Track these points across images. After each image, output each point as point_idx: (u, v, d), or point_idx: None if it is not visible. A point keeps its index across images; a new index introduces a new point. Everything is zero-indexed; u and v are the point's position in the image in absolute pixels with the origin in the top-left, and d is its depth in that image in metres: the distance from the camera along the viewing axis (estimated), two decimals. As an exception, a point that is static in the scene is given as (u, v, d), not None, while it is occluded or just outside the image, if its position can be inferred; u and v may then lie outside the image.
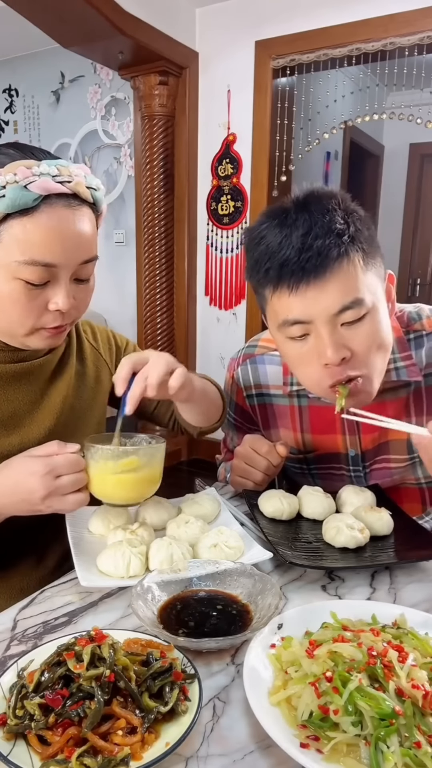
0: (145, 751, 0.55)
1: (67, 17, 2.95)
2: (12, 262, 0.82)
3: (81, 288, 0.91)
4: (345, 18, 3.08)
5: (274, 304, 0.95)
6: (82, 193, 0.85)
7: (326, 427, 1.17)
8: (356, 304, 0.91)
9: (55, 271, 0.85)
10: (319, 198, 0.93)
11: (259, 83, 3.43)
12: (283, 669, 0.65)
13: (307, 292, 0.90)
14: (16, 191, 0.79)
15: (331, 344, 0.91)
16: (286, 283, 0.91)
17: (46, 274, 0.84)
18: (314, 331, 0.93)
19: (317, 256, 0.88)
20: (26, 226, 0.81)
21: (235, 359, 1.28)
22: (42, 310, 0.87)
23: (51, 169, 0.82)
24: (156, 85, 3.48)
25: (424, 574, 0.90)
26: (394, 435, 1.14)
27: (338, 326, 0.92)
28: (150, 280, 3.83)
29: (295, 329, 0.94)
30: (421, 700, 0.57)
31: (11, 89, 4.48)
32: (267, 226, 0.94)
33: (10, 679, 0.62)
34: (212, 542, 0.90)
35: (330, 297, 0.90)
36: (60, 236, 0.83)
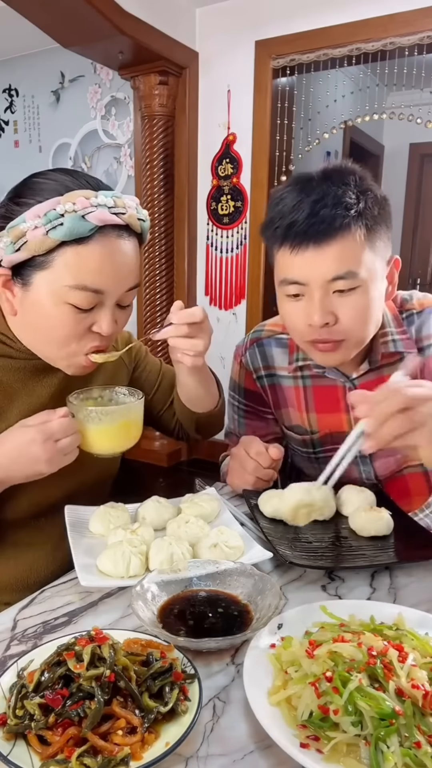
0: (145, 751, 0.55)
1: (67, 17, 2.95)
2: (62, 286, 0.86)
3: (122, 312, 0.95)
4: (345, 18, 3.08)
5: (279, 261, 1.04)
6: (134, 225, 0.90)
7: (330, 405, 1.21)
8: (350, 276, 0.98)
9: (101, 297, 0.89)
10: (340, 172, 1.01)
11: (259, 83, 3.43)
12: (283, 669, 0.65)
13: (306, 253, 0.98)
14: (75, 221, 0.83)
15: (318, 308, 0.99)
16: (290, 242, 0.99)
17: (94, 300, 0.88)
18: (308, 293, 1.01)
19: (321, 223, 0.96)
20: (80, 253, 0.85)
21: (242, 345, 1.32)
22: (85, 333, 0.91)
23: (108, 200, 0.86)
24: (156, 85, 3.48)
25: (424, 574, 0.90)
26: None
27: (330, 293, 1.00)
28: (150, 280, 3.83)
29: (292, 288, 1.02)
30: (421, 700, 0.57)
31: (11, 89, 4.48)
32: (289, 190, 1.01)
33: (10, 679, 0.62)
34: (212, 542, 0.90)
35: (326, 263, 0.97)
36: (110, 264, 0.87)
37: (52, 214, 0.83)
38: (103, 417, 0.93)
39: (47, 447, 0.87)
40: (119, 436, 0.96)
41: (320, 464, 1.27)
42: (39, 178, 0.89)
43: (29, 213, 0.84)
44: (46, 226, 0.83)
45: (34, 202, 0.85)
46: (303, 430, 1.25)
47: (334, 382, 1.18)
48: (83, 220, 0.83)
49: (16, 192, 0.89)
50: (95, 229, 0.84)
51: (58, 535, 0.97)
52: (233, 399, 1.34)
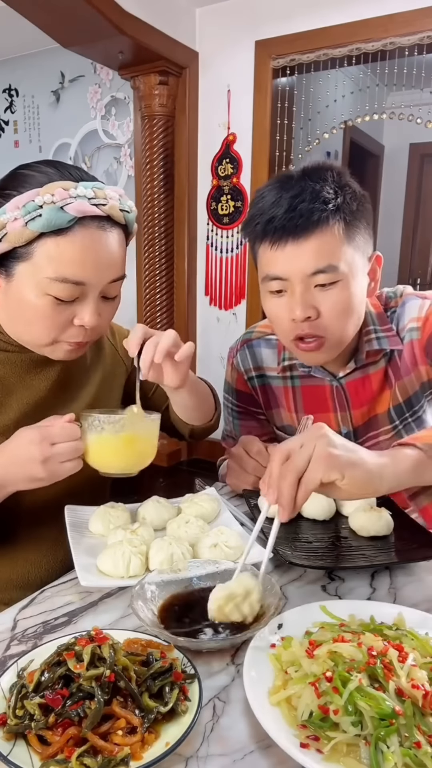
0: (145, 751, 0.55)
1: (67, 17, 2.95)
2: (43, 278, 0.85)
3: (107, 305, 0.94)
4: (345, 18, 3.08)
5: (260, 258, 1.05)
6: (116, 216, 0.89)
7: (318, 405, 1.21)
8: (330, 270, 0.99)
9: (84, 289, 0.88)
10: (318, 169, 1.02)
11: (259, 83, 3.43)
12: (283, 669, 0.64)
13: (286, 248, 0.99)
14: (53, 212, 0.82)
15: (300, 302, 1.00)
16: (269, 238, 1.00)
17: (76, 291, 0.87)
18: (290, 288, 1.01)
19: (299, 217, 0.97)
20: (59, 244, 0.84)
21: (234, 347, 1.33)
22: (67, 324, 0.90)
23: (87, 191, 0.86)
24: (156, 85, 3.48)
25: (424, 574, 0.90)
26: (379, 409, 1.19)
27: (311, 287, 1.00)
28: (150, 280, 3.83)
29: (274, 284, 1.03)
30: (421, 700, 0.57)
31: (11, 89, 4.48)
32: (269, 188, 1.02)
33: (10, 679, 0.62)
34: (212, 542, 0.90)
35: (305, 257, 0.98)
36: (91, 256, 0.86)
37: (30, 205, 0.82)
38: (106, 426, 0.90)
39: (43, 448, 0.85)
40: (124, 451, 0.92)
41: None
42: (24, 170, 0.89)
43: (10, 204, 0.84)
44: (25, 217, 0.82)
45: (17, 194, 0.84)
46: (293, 429, 1.26)
47: (321, 381, 1.19)
48: (62, 211, 0.82)
49: (2, 184, 0.89)
50: (74, 220, 0.84)
51: (58, 532, 0.97)
52: (227, 401, 1.35)
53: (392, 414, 1.18)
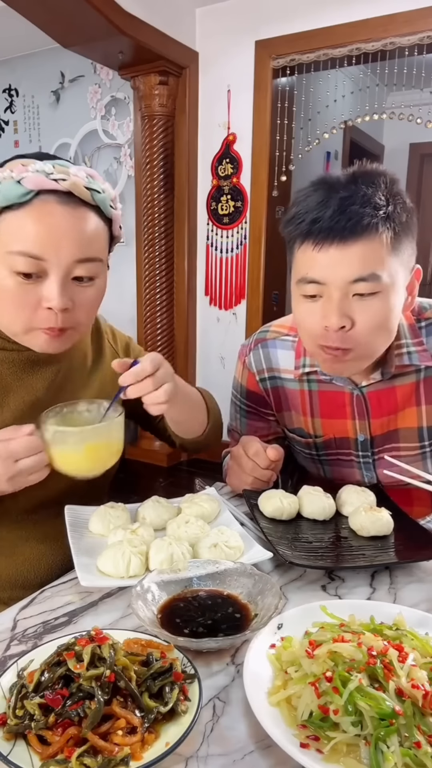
0: (145, 751, 0.55)
1: (67, 17, 2.95)
2: (6, 253, 0.85)
3: (82, 290, 0.91)
4: (345, 18, 3.08)
5: (298, 259, 1.00)
6: (80, 193, 0.87)
7: (336, 411, 1.19)
8: (372, 279, 0.95)
9: (44, 265, 0.86)
10: (369, 173, 0.98)
11: (259, 83, 3.43)
12: (283, 669, 0.65)
13: (329, 251, 0.94)
14: (10, 185, 0.84)
15: (336, 310, 0.96)
16: (313, 238, 0.95)
17: (35, 267, 0.86)
18: (326, 293, 0.97)
19: (348, 220, 0.92)
20: (18, 217, 0.85)
21: (247, 346, 1.30)
22: (35, 306, 0.88)
23: (46, 167, 0.86)
24: (156, 85, 3.48)
25: (424, 574, 0.90)
26: (405, 423, 1.16)
27: (349, 295, 0.96)
28: (150, 279, 3.83)
29: (310, 288, 0.99)
30: (421, 700, 0.57)
31: (11, 89, 4.48)
32: (315, 188, 0.99)
33: (10, 679, 0.62)
34: (212, 542, 0.90)
35: (349, 263, 0.94)
36: (50, 231, 0.85)
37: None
38: (68, 438, 0.86)
39: (7, 466, 0.83)
40: (87, 459, 0.88)
41: (323, 466, 1.27)
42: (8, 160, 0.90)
43: None
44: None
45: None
46: (306, 433, 1.24)
47: (341, 388, 1.17)
48: (18, 185, 0.84)
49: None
50: (31, 193, 0.84)
51: (58, 530, 0.97)
52: (235, 398, 1.34)
53: (423, 434, 1.15)
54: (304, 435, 1.25)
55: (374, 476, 1.21)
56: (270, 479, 1.12)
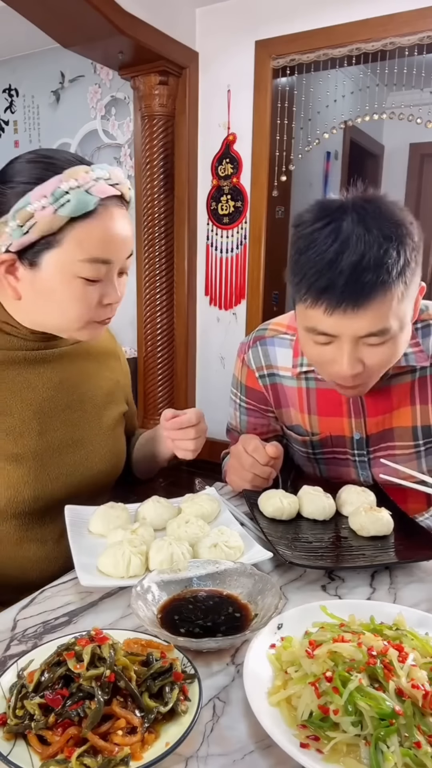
0: (145, 751, 0.55)
1: (67, 17, 2.95)
2: (75, 261, 0.89)
3: (122, 282, 0.99)
4: (345, 18, 3.08)
5: (307, 313, 0.98)
6: (126, 194, 0.95)
7: (332, 409, 1.20)
8: (382, 333, 0.96)
9: (110, 267, 0.93)
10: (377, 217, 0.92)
11: (259, 83, 3.43)
12: (283, 669, 0.64)
13: (343, 315, 0.93)
14: (80, 196, 0.86)
15: (348, 361, 0.98)
16: (325, 304, 0.94)
17: (103, 270, 0.92)
18: (337, 343, 0.98)
19: (361, 289, 0.90)
20: (88, 227, 0.89)
21: (245, 343, 1.31)
22: (98, 304, 0.95)
23: (104, 173, 0.91)
24: (156, 85, 3.48)
25: (424, 574, 0.90)
26: (400, 422, 1.17)
27: (360, 344, 0.97)
28: (150, 280, 3.83)
29: (321, 338, 0.99)
30: (421, 700, 0.57)
31: (11, 89, 4.48)
32: (319, 229, 0.94)
33: (10, 679, 0.62)
34: (212, 542, 0.90)
35: (361, 323, 0.94)
36: (115, 234, 0.92)
37: (58, 192, 0.86)
38: None
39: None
40: None
41: (319, 465, 1.28)
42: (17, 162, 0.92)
43: (33, 194, 0.86)
44: (54, 204, 0.86)
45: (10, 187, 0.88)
46: (303, 431, 1.25)
47: None
48: (87, 194, 0.87)
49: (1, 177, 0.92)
50: (99, 201, 0.88)
51: (58, 532, 0.97)
52: (235, 396, 1.34)
53: (417, 432, 1.17)
54: (301, 432, 1.25)
55: (369, 475, 1.22)
56: (269, 477, 1.12)
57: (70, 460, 1.05)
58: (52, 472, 1.01)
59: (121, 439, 1.19)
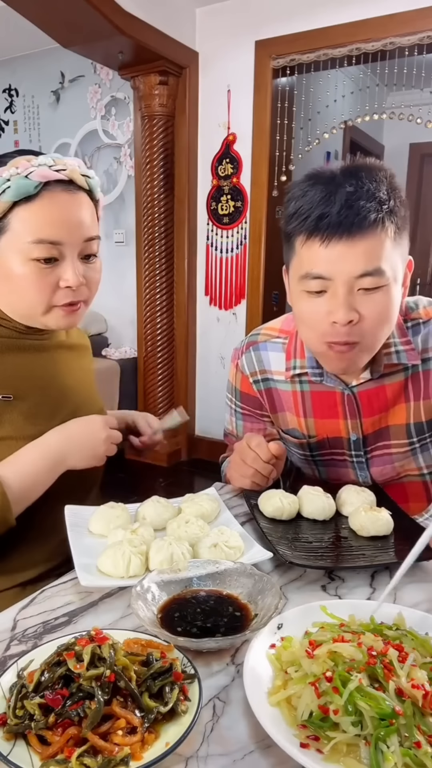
0: (145, 751, 0.55)
1: (67, 17, 2.95)
2: (23, 244, 0.94)
3: (89, 267, 1.02)
4: (345, 18, 3.08)
5: (302, 255, 0.99)
6: (77, 179, 0.98)
7: (328, 411, 1.20)
8: (377, 273, 0.95)
9: (61, 249, 0.96)
10: (369, 168, 0.98)
11: (259, 83, 3.43)
12: (283, 669, 0.64)
13: (337, 246, 0.94)
14: (20, 181, 0.92)
15: (344, 304, 0.97)
16: (320, 234, 0.95)
17: (54, 251, 0.96)
18: (331, 289, 0.98)
19: (356, 215, 0.93)
20: (31, 209, 0.94)
21: (239, 349, 1.31)
22: (54, 287, 0.98)
23: (47, 160, 0.96)
24: (156, 85, 3.48)
25: (424, 574, 0.90)
26: (394, 420, 1.17)
27: (355, 290, 0.97)
28: (150, 280, 3.83)
29: (315, 284, 0.98)
30: (421, 700, 0.57)
31: (11, 89, 4.48)
32: (311, 184, 0.98)
33: (10, 679, 0.62)
34: (212, 542, 0.90)
35: (355, 258, 0.94)
36: (61, 216, 0.96)
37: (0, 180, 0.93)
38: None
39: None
40: None
41: (318, 467, 1.27)
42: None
43: None
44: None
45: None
46: (300, 434, 1.25)
47: (332, 388, 1.17)
48: (26, 179, 0.92)
49: None
50: (40, 185, 0.93)
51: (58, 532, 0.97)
52: (230, 401, 1.34)
53: (411, 430, 1.17)
54: (298, 436, 1.25)
55: (368, 476, 1.22)
56: (270, 475, 1.12)
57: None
58: None
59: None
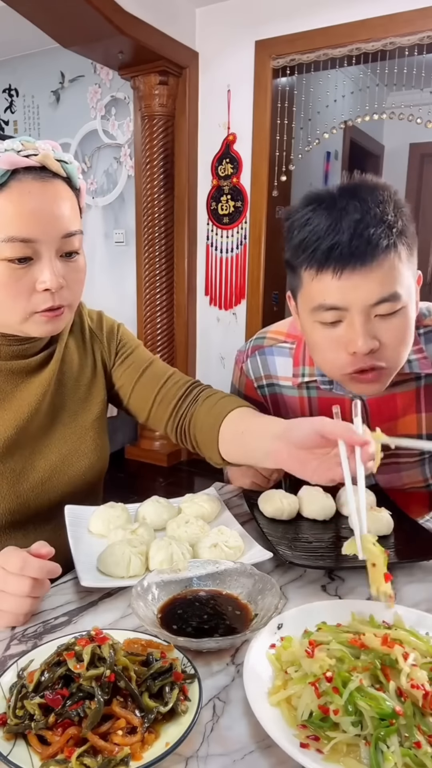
0: (145, 751, 0.55)
1: (67, 17, 2.95)
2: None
3: (70, 266, 0.89)
4: (345, 18, 3.08)
5: (313, 287, 0.95)
6: (51, 165, 0.85)
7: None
8: (393, 298, 0.92)
9: (35, 247, 0.84)
10: (370, 188, 0.94)
11: (259, 83, 3.43)
12: (283, 669, 0.65)
13: (351, 277, 0.91)
14: None
15: (362, 334, 0.92)
16: (332, 266, 0.91)
17: (27, 250, 0.83)
18: (347, 318, 0.94)
19: (367, 244, 0.89)
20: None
21: (244, 351, 1.27)
22: (30, 291, 0.86)
23: (15, 144, 0.82)
24: (156, 84, 3.48)
25: (424, 574, 0.90)
26: (405, 430, 1.15)
27: (372, 317, 0.93)
28: (150, 280, 3.83)
29: (329, 315, 0.95)
30: (421, 700, 0.57)
31: (11, 89, 4.48)
32: (314, 209, 0.94)
33: (10, 679, 0.62)
34: (212, 542, 0.90)
35: (371, 286, 0.91)
36: (34, 210, 0.83)
37: None
38: None
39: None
40: None
41: None
42: None
43: None
44: None
45: None
46: None
47: (341, 396, 1.15)
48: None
49: None
50: (7, 174, 0.81)
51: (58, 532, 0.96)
52: None
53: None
54: None
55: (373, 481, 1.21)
56: (271, 475, 1.12)
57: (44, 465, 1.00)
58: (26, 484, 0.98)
59: (100, 433, 1.10)
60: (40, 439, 1.00)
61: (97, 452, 1.07)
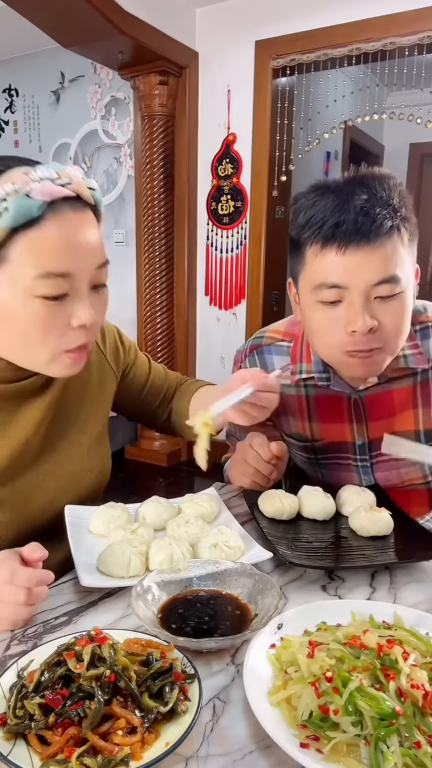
0: (145, 751, 0.55)
1: (67, 17, 2.95)
2: (27, 279, 0.77)
3: (98, 297, 0.86)
4: (345, 18, 3.08)
5: (316, 264, 0.97)
6: (85, 194, 0.81)
7: (334, 415, 1.19)
8: (394, 280, 0.95)
9: (72, 281, 0.80)
10: (378, 176, 0.97)
11: (259, 83, 3.43)
12: (283, 669, 0.65)
13: (355, 254, 0.93)
14: (19, 201, 0.74)
15: (362, 313, 0.95)
16: (338, 242, 0.93)
17: (65, 285, 0.79)
18: (347, 298, 0.96)
19: (372, 222, 0.92)
20: (35, 237, 0.76)
21: (242, 351, 1.29)
22: (64, 328, 0.81)
23: (50, 173, 0.77)
24: (156, 85, 3.48)
25: (424, 574, 0.90)
26: (402, 426, 1.16)
27: (371, 298, 0.96)
28: (150, 280, 3.83)
29: (329, 293, 0.97)
30: (421, 700, 0.57)
31: (11, 89, 4.48)
32: (321, 193, 0.97)
33: (10, 679, 0.62)
34: (212, 542, 0.90)
35: (373, 265, 0.93)
36: (72, 242, 0.79)
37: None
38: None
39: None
40: None
41: (321, 470, 1.27)
42: None
43: None
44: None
45: None
46: (303, 437, 1.24)
47: (339, 392, 1.16)
48: (28, 198, 0.74)
49: None
50: (44, 206, 0.75)
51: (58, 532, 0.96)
52: None
53: (420, 437, 1.16)
54: (301, 439, 1.24)
55: (372, 480, 1.22)
56: (270, 475, 1.12)
57: (52, 486, 0.99)
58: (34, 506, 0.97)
59: (104, 445, 1.10)
60: (46, 460, 0.99)
61: (102, 466, 1.08)
